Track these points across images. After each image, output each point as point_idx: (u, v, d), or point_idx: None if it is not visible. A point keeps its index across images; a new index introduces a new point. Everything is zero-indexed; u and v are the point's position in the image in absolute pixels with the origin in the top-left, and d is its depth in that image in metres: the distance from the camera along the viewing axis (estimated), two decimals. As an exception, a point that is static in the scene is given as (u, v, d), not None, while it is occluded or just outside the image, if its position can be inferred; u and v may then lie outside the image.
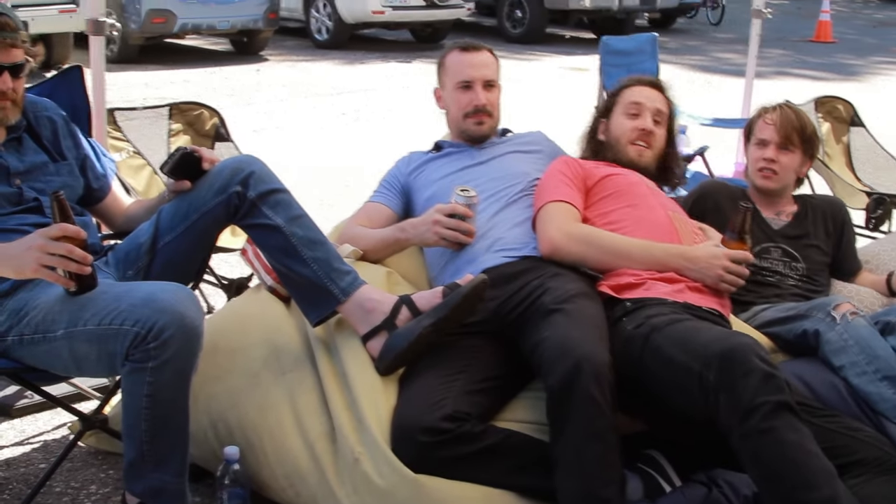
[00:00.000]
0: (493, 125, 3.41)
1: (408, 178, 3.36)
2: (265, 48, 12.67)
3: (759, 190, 3.51)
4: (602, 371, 2.40)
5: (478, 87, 3.34)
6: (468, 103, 3.34)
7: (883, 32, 18.48)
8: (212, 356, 2.91)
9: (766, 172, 3.45)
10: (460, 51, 3.42)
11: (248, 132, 8.10)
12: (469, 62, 3.39)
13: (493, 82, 3.39)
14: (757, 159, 3.48)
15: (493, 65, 3.42)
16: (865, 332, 2.85)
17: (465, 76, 3.36)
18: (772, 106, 3.55)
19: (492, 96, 3.38)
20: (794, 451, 2.20)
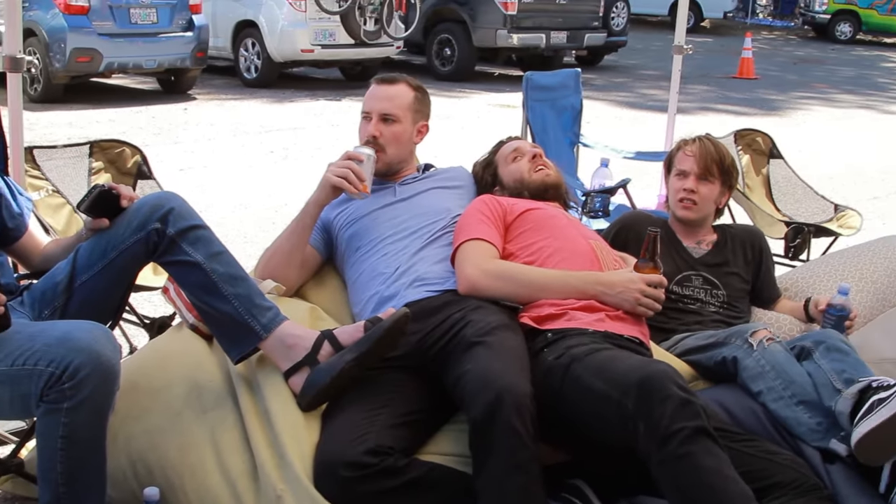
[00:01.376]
0: (388, 161, 3.35)
1: (329, 217, 3.33)
2: (193, 87, 12.58)
3: (680, 220, 3.57)
4: (523, 402, 2.41)
5: (374, 119, 3.34)
6: (363, 134, 3.35)
7: (803, 69, 18.93)
8: (132, 395, 2.87)
9: (686, 203, 3.51)
10: (376, 83, 3.43)
11: (174, 171, 8.04)
12: (374, 94, 3.40)
13: (393, 117, 3.34)
14: (677, 190, 3.54)
15: (401, 99, 3.38)
16: (782, 357, 2.90)
17: (366, 106, 3.38)
18: (691, 138, 3.61)
19: (389, 130, 3.34)
20: (711, 477, 2.22)
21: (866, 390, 2.66)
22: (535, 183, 3.38)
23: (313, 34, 12.92)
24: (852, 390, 2.68)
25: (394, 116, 3.34)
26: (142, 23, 11.45)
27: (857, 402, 2.66)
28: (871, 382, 2.67)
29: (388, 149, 3.34)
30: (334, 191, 3.15)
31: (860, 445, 2.59)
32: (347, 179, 3.09)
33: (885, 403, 2.56)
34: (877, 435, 2.55)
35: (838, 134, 11.69)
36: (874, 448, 2.58)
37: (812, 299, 3.48)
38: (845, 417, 2.67)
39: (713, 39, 23.85)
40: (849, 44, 24.59)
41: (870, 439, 2.56)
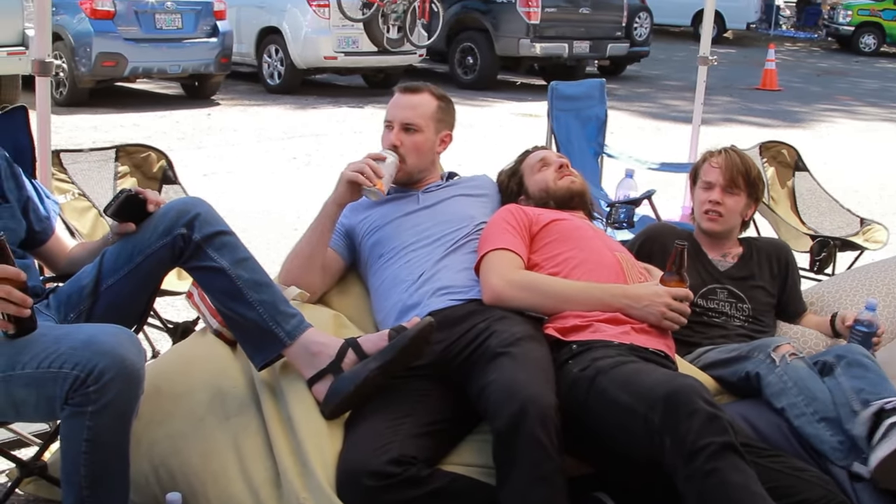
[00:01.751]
0: (408, 170, 3.33)
1: (352, 224, 3.33)
2: (217, 92, 12.64)
3: (705, 232, 3.55)
4: (548, 414, 2.39)
5: (395, 128, 3.33)
6: (384, 143, 3.34)
7: (827, 81, 18.86)
8: (155, 400, 2.87)
9: (712, 215, 3.49)
10: (399, 91, 3.44)
11: (198, 176, 8.06)
12: (397, 103, 3.39)
13: (415, 126, 3.33)
14: (703, 202, 3.52)
15: (424, 108, 3.37)
16: (804, 373, 2.88)
17: (388, 115, 3.37)
18: (717, 150, 3.60)
19: (410, 140, 3.32)
20: (738, 493, 2.20)
21: (881, 413, 2.63)
22: (561, 190, 3.37)
23: (336, 41, 12.97)
24: (867, 413, 2.66)
25: (416, 126, 3.33)
26: (167, 28, 11.52)
27: (873, 426, 2.63)
28: (886, 405, 2.63)
29: (409, 158, 3.32)
30: (351, 187, 3.12)
31: (879, 471, 2.56)
32: (363, 174, 3.08)
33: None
34: (893, 461, 2.52)
35: (863, 146, 11.62)
36: (892, 473, 2.55)
37: (839, 315, 3.45)
38: (863, 440, 2.65)
39: (736, 50, 23.79)
40: (873, 56, 24.50)
41: (887, 464, 2.54)
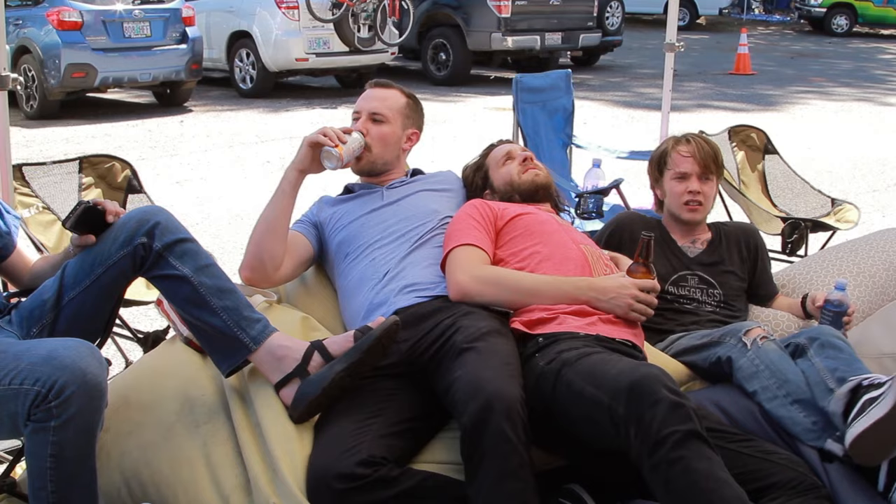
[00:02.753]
0: (372, 160, 3.35)
1: (320, 220, 3.33)
2: (189, 99, 12.61)
3: (687, 222, 3.55)
4: (514, 408, 2.38)
5: (363, 117, 3.35)
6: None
7: (800, 63, 18.92)
8: (124, 411, 2.86)
9: (693, 205, 3.50)
10: (370, 86, 3.47)
11: (171, 184, 8.05)
12: (366, 95, 3.42)
13: (381, 117, 3.35)
14: (681, 193, 3.51)
15: (391, 101, 3.39)
16: (775, 356, 2.87)
17: (356, 107, 3.39)
18: (682, 137, 3.59)
19: (376, 129, 3.34)
20: (704, 480, 2.20)
21: (857, 389, 2.63)
22: (526, 184, 3.36)
23: (307, 43, 12.95)
24: (843, 390, 2.65)
25: (382, 116, 3.35)
26: (135, 37, 11.48)
27: (850, 402, 2.63)
28: (862, 381, 2.64)
29: (374, 148, 3.33)
30: (311, 151, 3.16)
31: (855, 446, 2.56)
32: (325, 135, 3.11)
33: (876, 403, 2.54)
34: (870, 435, 2.52)
35: (837, 127, 11.67)
36: (869, 448, 2.55)
37: (809, 295, 3.46)
38: (839, 417, 2.65)
39: (709, 36, 23.86)
40: (845, 36, 24.60)
41: (864, 440, 2.54)
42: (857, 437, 2.55)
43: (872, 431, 2.52)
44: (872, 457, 2.57)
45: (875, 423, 2.50)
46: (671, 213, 3.59)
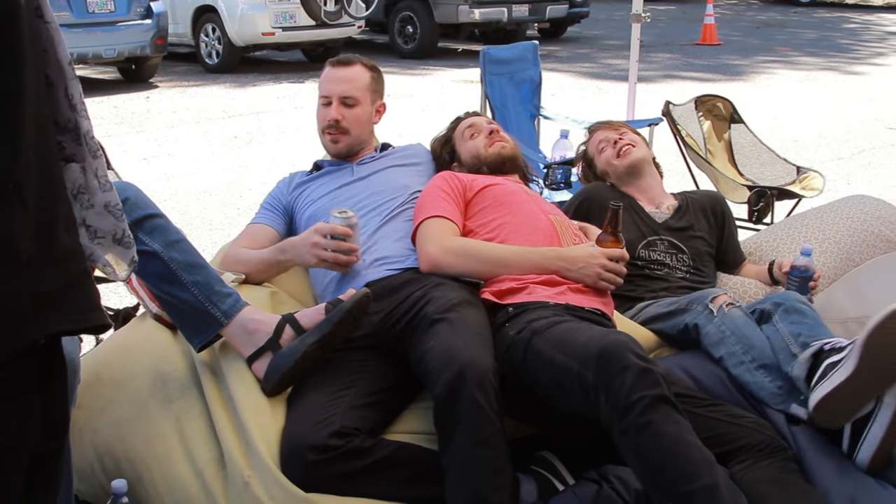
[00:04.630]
0: (350, 143, 3.37)
1: (289, 198, 3.34)
2: (154, 75, 12.49)
3: (630, 170, 3.63)
4: (486, 377, 2.40)
5: (334, 103, 3.34)
6: (324, 118, 3.36)
7: (766, 33, 18.99)
8: (96, 388, 2.86)
9: (627, 149, 3.63)
10: (331, 65, 3.43)
11: (138, 160, 8.00)
12: (332, 77, 3.39)
13: (352, 100, 3.35)
14: (610, 146, 3.68)
15: (359, 81, 3.39)
16: (741, 322, 2.91)
17: (324, 90, 3.38)
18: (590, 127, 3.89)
19: (350, 113, 3.35)
20: (672, 444, 2.22)
21: (819, 354, 2.67)
22: (492, 157, 3.38)
23: (273, 17, 12.86)
24: (806, 355, 2.69)
25: (354, 99, 3.35)
26: (99, 11, 11.35)
27: (812, 366, 2.67)
28: (824, 346, 2.68)
29: (352, 131, 3.35)
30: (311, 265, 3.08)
31: (818, 410, 2.60)
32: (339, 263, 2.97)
33: (838, 367, 2.57)
34: (832, 399, 2.56)
35: (802, 96, 11.74)
36: (831, 411, 2.59)
37: (776, 262, 3.50)
38: (802, 382, 2.69)
39: (676, 7, 23.87)
40: (810, 6, 24.68)
41: (826, 404, 2.58)
42: (819, 401, 2.59)
43: (834, 395, 2.56)
44: (835, 419, 2.61)
45: (836, 387, 2.55)
46: (620, 178, 3.67)
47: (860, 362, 2.51)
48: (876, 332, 2.49)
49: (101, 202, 1.89)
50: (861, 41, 17.85)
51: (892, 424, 2.52)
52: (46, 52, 1.76)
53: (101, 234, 1.91)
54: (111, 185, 1.91)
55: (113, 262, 1.97)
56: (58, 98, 1.80)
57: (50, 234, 1.63)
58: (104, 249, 1.92)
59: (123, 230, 1.94)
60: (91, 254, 1.89)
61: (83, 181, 1.86)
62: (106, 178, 1.91)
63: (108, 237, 1.92)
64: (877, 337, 2.49)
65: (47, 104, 1.73)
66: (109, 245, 1.93)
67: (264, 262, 3.13)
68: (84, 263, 1.80)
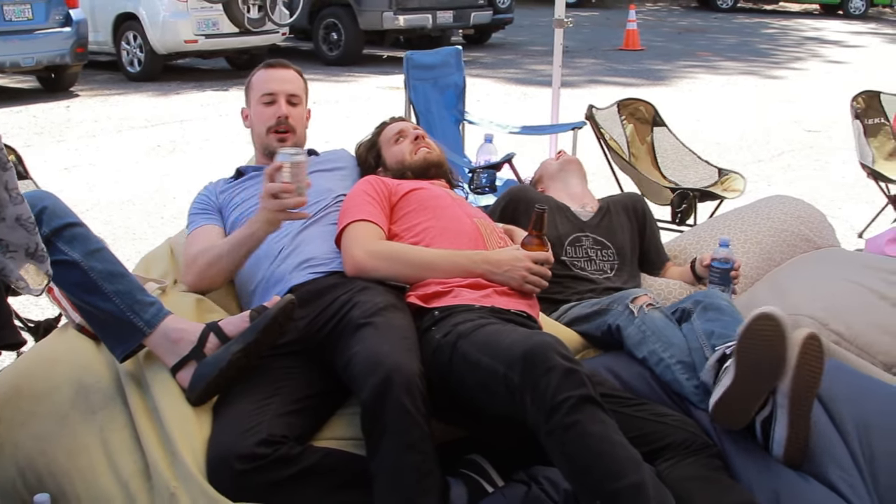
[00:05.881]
0: (297, 142, 3.38)
1: (218, 202, 3.30)
2: (75, 83, 12.27)
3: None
4: (413, 381, 2.40)
5: (281, 101, 3.35)
6: (271, 116, 3.34)
7: (687, 38, 19.27)
8: (16, 402, 2.81)
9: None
10: (266, 67, 3.45)
11: (59, 170, 7.86)
12: (273, 77, 3.40)
13: (297, 99, 3.39)
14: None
15: (299, 82, 3.43)
16: (661, 322, 2.95)
17: (268, 89, 3.36)
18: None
19: (295, 112, 3.38)
20: (598, 443, 2.24)
21: (723, 359, 2.71)
22: (417, 162, 3.39)
23: (196, 24, 12.71)
24: (711, 361, 2.74)
25: (297, 99, 3.40)
26: (16, 20, 11.11)
27: (717, 371, 2.71)
28: (727, 350, 2.71)
29: (297, 130, 3.39)
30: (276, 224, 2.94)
31: (715, 415, 2.66)
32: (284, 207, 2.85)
33: (725, 373, 2.64)
34: (724, 403, 2.62)
35: (724, 100, 11.94)
36: (728, 415, 2.64)
37: (697, 258, 3.54)
38: (711, 386, 2.73)
39: (599, 13, 24.15)
40: (730, 12, 25.15)
41: (720, 408, 2.63)
42: (714, 407, 2.65)
43: (725, 399, 2.61)
44: (736, 421, 2.66)
45: (724, 393, 2.60)
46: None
47: (738, 368, 2.58)
48: (744, 339, 2.57)
49: (13, 215, 1.85)
50: (779, 46, 18.23)
51: (792, 423, 2.58)
52: None
53: (14, 247, 1.87)
54: (22, 197, 1.87)
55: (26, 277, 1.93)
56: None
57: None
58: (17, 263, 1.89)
59: (37, 243, 1.90)
60: (3, 268, 1.85)
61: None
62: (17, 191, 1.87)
63: (20, 251, 1.88)
64: (745, 343, 2.56)
65: None
66: (22, 258, 1.89)
67: (235, 241, 2.99)
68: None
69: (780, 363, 2.56)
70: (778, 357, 2.55)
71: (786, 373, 2.57)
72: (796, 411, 2.57)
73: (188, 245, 3.20)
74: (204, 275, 3.06)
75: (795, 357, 2.55)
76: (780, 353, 2.55)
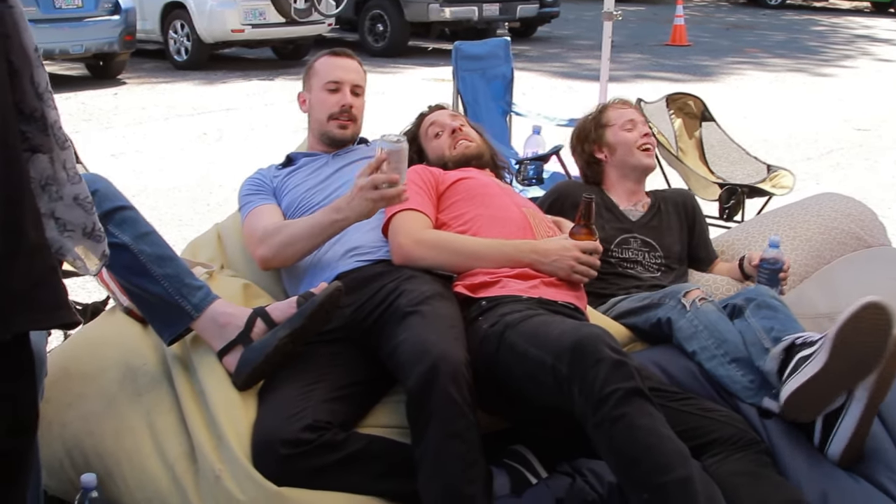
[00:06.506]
0: (355, 132, 3.40)
1: (273, 186, 3.29)
2: (123, 71, 12.39)
3: (645, 169, 3.67)
4: (459, 370, 2.39)
5: (346, 89, 3.34)
6: (335, 104, 3.33)
7: (735, 34, 19.09)
8: (65, 383, 2.83)
9: (650, 150, 3.65)
10: (332, 55, 3.43)
11: (106, 157, 7.93)
12: (339, 65, 3.39)
13: (360, 90, 3.39)
14: (635, 140, 3.63)
15: (362, 73, 3.44)
16: (714, 316, 2.91)
17: (334, 77, 3.35)
18: (610, 101, 3.78)
19: (358, 102, 3.38)
20: (646, 436, 2.22)
21: (791, 348, 2.68)
22: (457, 157, 3.37)
23: (243, 14, 12.80)
24: (777, 349, 2.70)
25: (360, 90, 3.40)
26: (66, 7, 11.24)
27: (784, 361, 2.67)
28: (796, 340, 2.68)
29: (358, 120, 3.39)
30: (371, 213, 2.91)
31: (788, 405, 2.61)
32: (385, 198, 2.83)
33: (808, 361, 2.58)
34: (803, 393, 2.57)
35: (772, 97, 11.81)
36: (802, 405, 2.61)
37: (746, 256, 3.51)
38: (774, 376, 2.69)
39: (646, 8, 23.95)
40: (779, 9, 24.84)
41: (797, 398, 2.59)
42: (790, 395, 2.60)
43: (805, 389, 2.57)
44: (806, 413, 2.63)
45: (807, 380, 2.55)
46: (624, 166, 3.65)
47: (831, 356, 2.52)
48: (846, 326, 2.50)
49: (71, 194, 1.86)
50: (829, 44, 18.00)
51: (863, 418, 2.54)
52: (10, 38, 1.72)
53: (71, 226, 1.88)
54: (80, 177, 1.88)
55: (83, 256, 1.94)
56: (23, 87, 1.77)
57: (16, 230, 1.59)
58: (74, 242, 1.89)
59: (94, 223, 1.91)
60: (60, 247, 1.86)
61: (51, 172, 1.83)
62: (75, 171, 1.88)
63: (77, 230, 1.89)
64: (847, 331, 2.50)
65: (9, 93, 1.69)
66: (79, 238, 1.90)
67: (318, 225, 2.95)
68: (52, 259, 1.77)
69: (879, 354, 2.51)
70: (878, 348, 2.50)
71: (879, 365, 2.52)
72: (872, 406, 2.54)
73: (253, 221, 3.14)
74: (281, 252, 3.01)
75: (890, 350, 2.51)
76: (881, 344, 2.50)
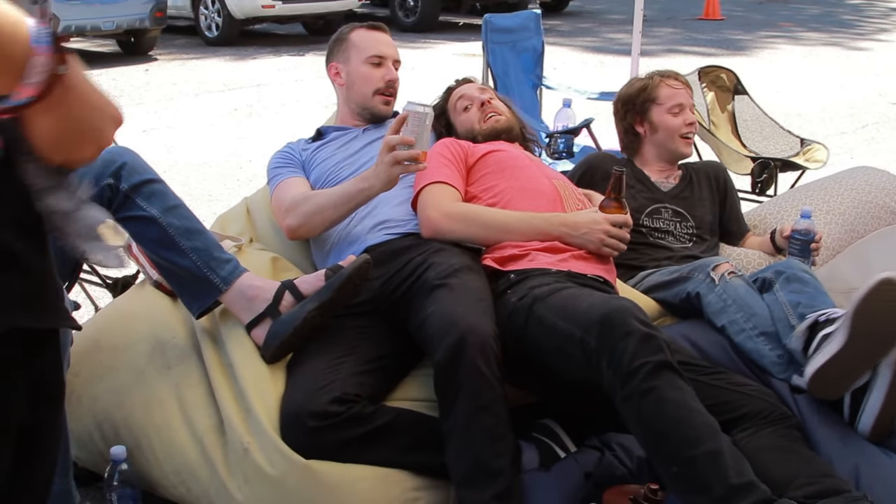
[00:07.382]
0: (393, 107, 3.39)
1: (302, 159, 3.27)
2: (153, 47, 12.42)
3: (681, 156, 3.63)
4: (487, 343, 2.38)
5: (389, 64, 3.34)
6: (380, 78, 3.32)
7: (769, 8, 18.88)
8: (95, 355, 2.85)
9: (690, 138, 3.60)
10: (368, 28, 3.40)
11: (137, 132, 7.95)
12: (381, 39, 3.38)
13: (398, 65, 3.38)
14: (679, 126, 3.57)
15: (395, 48, 3.41)
16: (743, 290, 2.88)
17: (378, 51, 3.33)
18: (664, 72, 3.64)
19: (396, 76, 3.38)
20: (676, 409, 2.20)
21: (815, 326, 2.64)
22: (486, 131, 3.33)
23: (273, -11, 12.78)
24: (801, 328, 2.67)
25: (398, 65, 3.39)
26: (98, -16, 11.27)
27: (809, 339, 2.64)
28: (819, 317, 2.65)
29: (397, 95, 3.37)
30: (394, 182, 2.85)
31: (813, 383, 2.58)
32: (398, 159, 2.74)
33: (830, 340, 2.56)
34: (826, 371, 2.54)
35: (805, 71, 11.67)
36: (827, 383, 2.57)
37: (777, 229, 3.46)
38: (799, 354, 2.67)
39: (678, -18, 23.74)
40: (813, -18, 24.54)
41: (821, 376, 2.56)
42: (814, 374, 2.57)
43: (828, 367, 2.54)
44: (832, 391, 2.59)
45: (830, 358, 2.52)
46: (662, 148, 3.60)
47: (850, 334, 2.49)
48: (863, 304, 2.47)
49: None
50: (864, 17, 17.77)
51: (890, 393, 2.51)
52: None
53: None
54: None
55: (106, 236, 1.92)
56: None
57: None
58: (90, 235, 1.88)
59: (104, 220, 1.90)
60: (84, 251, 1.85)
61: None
62: None
63: None
64: (865, 306, 2.47)
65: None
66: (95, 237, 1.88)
67: (345, 193, 2.91)
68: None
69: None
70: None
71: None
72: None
73: (281, 192, 3.12)
74: (308, 221, 2.98)
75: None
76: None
